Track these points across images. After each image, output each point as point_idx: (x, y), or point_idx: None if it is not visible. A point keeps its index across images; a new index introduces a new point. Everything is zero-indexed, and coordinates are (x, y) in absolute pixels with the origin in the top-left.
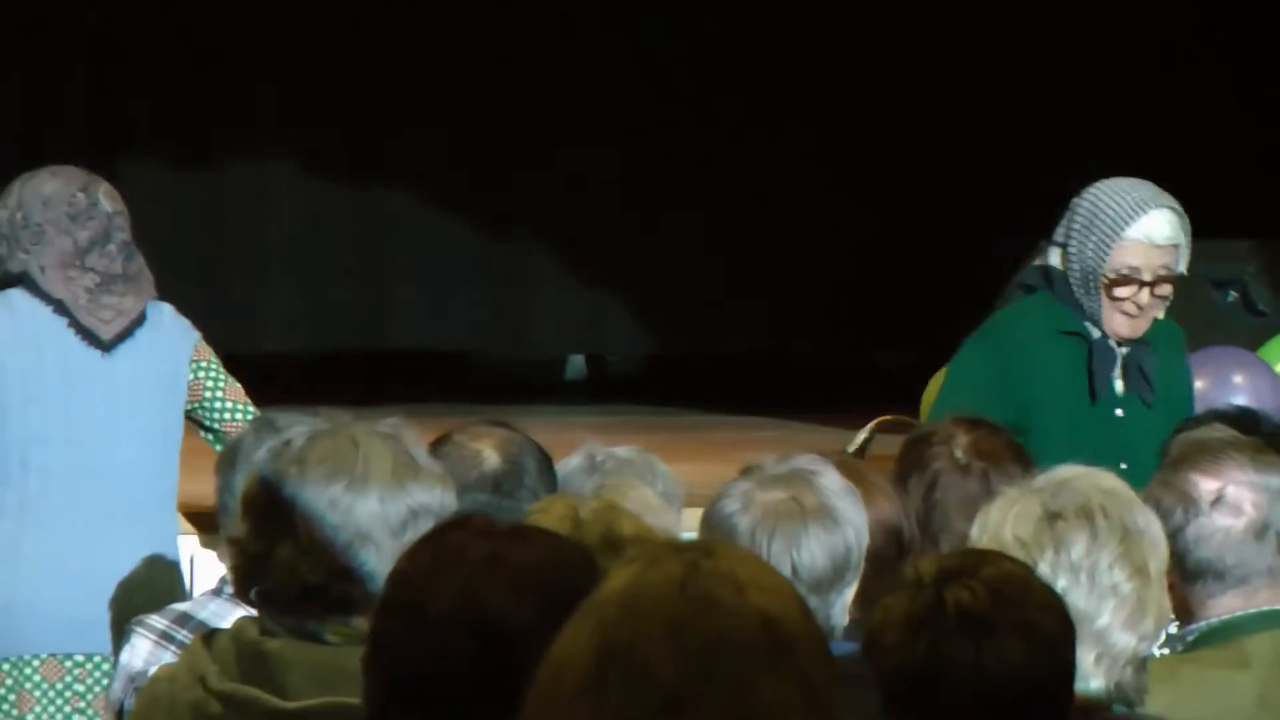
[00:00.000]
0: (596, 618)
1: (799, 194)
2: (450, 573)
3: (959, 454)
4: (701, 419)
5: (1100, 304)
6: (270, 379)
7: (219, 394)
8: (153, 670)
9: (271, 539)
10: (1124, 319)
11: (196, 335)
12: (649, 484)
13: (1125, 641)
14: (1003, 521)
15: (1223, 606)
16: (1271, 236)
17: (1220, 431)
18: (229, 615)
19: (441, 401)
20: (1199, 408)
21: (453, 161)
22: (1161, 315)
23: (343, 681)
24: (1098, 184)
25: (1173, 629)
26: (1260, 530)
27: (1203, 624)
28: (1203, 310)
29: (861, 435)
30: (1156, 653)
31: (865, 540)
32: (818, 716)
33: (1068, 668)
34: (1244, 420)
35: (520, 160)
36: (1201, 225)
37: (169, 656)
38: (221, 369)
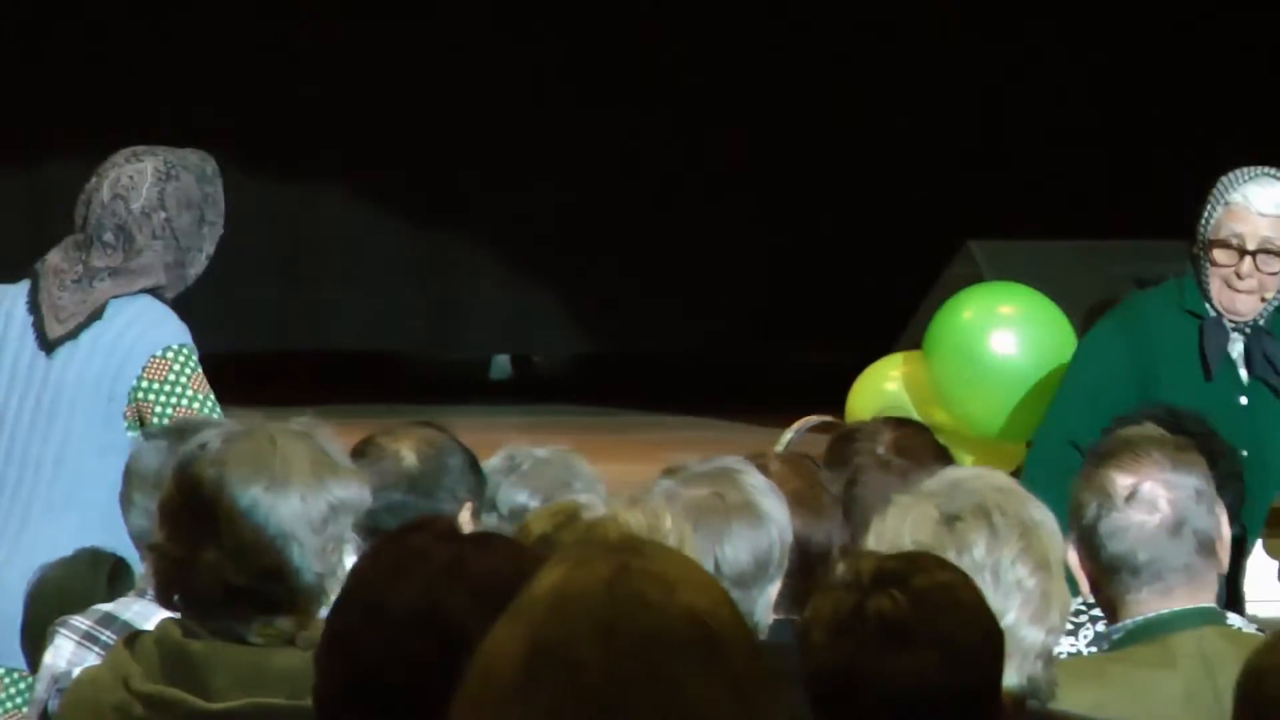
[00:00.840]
0: (527, 618)
1: (726, 194)
2: (412, 575)
3: (881, 451)
4: (629, 419)
5: (1209, 275)
6: None
7: (164, 422)
8: (76, 671)
9: (194, 543)
10: (1227, 290)
11: (162, 348)
12: (566, 483)
13: (1034, 636)
14: (899, 529)
15: (1144, 604)
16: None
17: (1149, 430)
18: (153, 616)
19: (370, 402)
20: None
21: (380, 162)
22: (1272, 294)
23: (266, 682)
24: None
25: (1100, 628)
26: (1175, 527)
27: (1128, 623)
28: None
29: (787, 435)
30: (1084, 651)
31: (789, 538)
32: (749, 714)
33: (989, 683)
34: (1175, 420)
35: (447, 160)
36: (1126, 226)
37: (93, 658)
38: (181, 390)
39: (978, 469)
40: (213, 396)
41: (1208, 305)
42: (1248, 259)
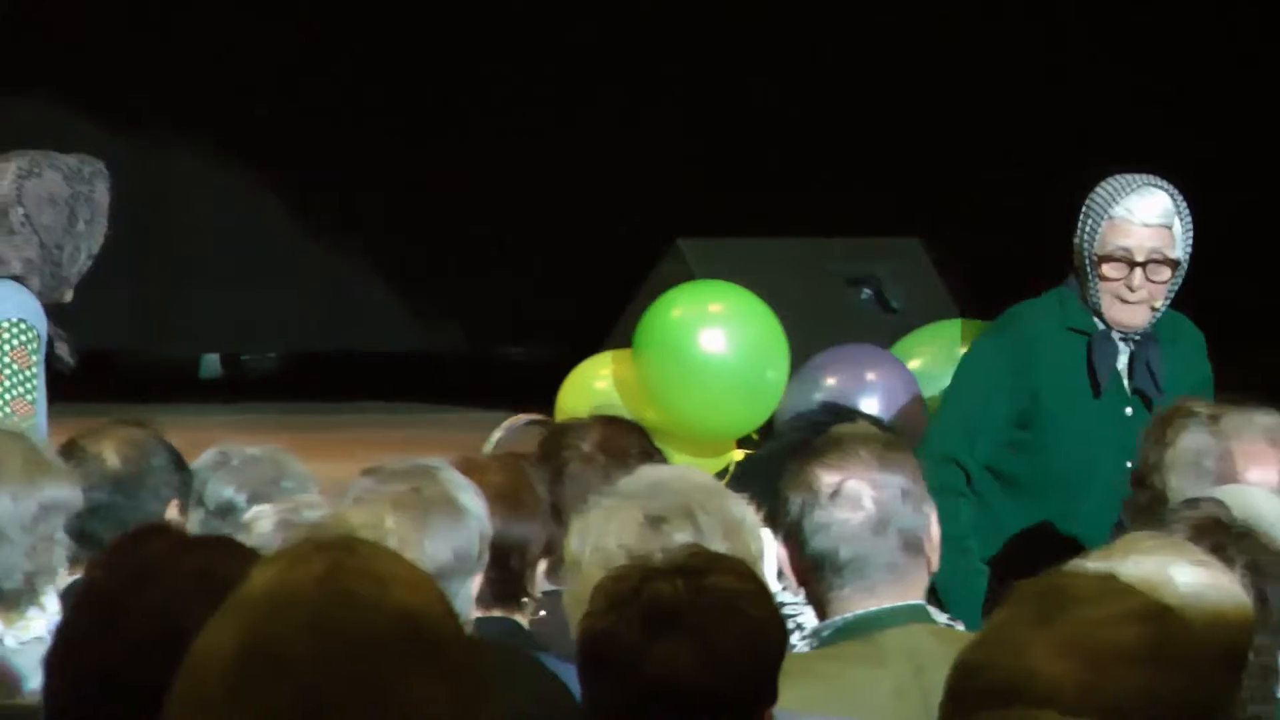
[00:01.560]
0: (239, 616)
1: (440, 192)
2: (151, 581)
3: (587, 448)
4: (341, 418)
5: (1098, 290)
6: None
7: None
8: None
9: None
10: (1118, 304)
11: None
12: (275, 480)
13: None
14: (604, 530)
15: (848, 601)
16: (904, 235)
17: (860, 428)
18: None
19: (77, 401)
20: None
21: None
22: (1160, 303)
23: None
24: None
25: (800, 622)
26: (879, 525)
27: (837, 620)
28: (837, 308)
29: (497, 434)
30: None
31: (489, 532)
32: (462, 712)
33: (753, 699)
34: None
35: (158, 152)
36: (838, 224)
37: None
38: None
39: (678, 468)
40: (29, 373)
41: (1096, 320)
42: (1138, 271)
